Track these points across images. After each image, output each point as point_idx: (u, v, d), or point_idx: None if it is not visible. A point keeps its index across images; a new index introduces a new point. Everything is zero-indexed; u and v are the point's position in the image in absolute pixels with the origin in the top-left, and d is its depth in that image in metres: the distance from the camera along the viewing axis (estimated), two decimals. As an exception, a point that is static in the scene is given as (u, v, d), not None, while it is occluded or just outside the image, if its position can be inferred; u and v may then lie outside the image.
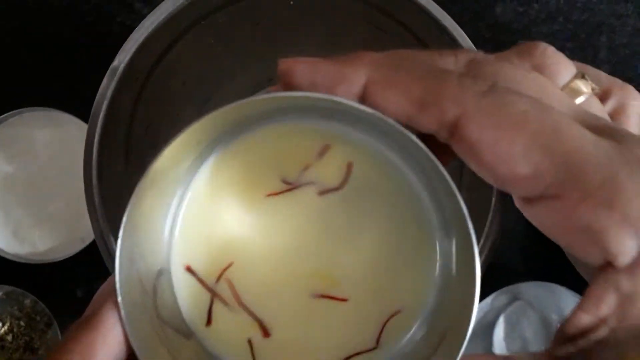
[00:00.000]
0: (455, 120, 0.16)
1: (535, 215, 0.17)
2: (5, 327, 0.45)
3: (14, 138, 0.45)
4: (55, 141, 0.45)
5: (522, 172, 0.16)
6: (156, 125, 0.33)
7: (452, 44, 0.26)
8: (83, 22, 0.47)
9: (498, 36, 0.45)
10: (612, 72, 0.34)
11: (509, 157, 0.15)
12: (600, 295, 0.16)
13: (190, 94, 0.36)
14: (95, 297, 0.19)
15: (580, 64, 0.20)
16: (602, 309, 0.16)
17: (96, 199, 0.27)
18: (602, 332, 0.16)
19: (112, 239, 0.28)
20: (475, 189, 0.24)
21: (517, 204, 0.17)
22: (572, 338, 0.16)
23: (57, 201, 0.45)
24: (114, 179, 0.29)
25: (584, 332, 0.16)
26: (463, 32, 0.30)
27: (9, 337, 0.45)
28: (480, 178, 0.17)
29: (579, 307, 0.16)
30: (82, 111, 0.42)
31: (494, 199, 0.27)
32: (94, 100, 0.28)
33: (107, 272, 0.29)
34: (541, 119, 0.15)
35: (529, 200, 0.16)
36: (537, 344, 0.44)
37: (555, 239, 0.16)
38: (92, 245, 0.44)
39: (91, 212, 0.28)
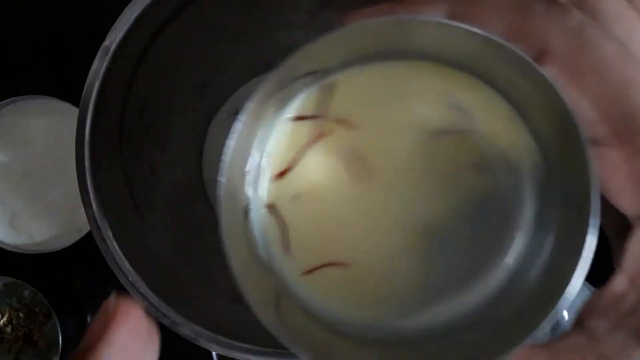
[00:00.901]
0: (539, 54, 0.16)
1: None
2: (5, 318, 0.45)
3: (9, 127, 0.44)
4: (51, 130, 0.44)
5: (588, 115, 0.16)
6: (150, 109, 0.32)
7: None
8: (77, 9, 0.46)
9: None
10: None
11: (579, 100, 0.16)
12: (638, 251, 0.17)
13: (186, 78, 0.36)
14: (89, 329, 0.18)
15: None
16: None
17: (89, 182, 0.27)
18: (633, 298, 0.16)
19: (105, 223, 0.27)
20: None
21: None
22: (605, 310, 0.17)
23: (54, 191, 0.44)
24: (108, 163, 0.29)
25: (618, 301, 0.17)
26: None
27: (8, 329, 0.45)
28: None
29: (619, 271, 0.17)
30: (78, 99, 0.42)
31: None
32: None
33: (104, 263, 0.28)
34: (620, 70, 0.16)
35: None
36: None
37: (601, 183, 0.17)
38: (89, 236, 0.44)
39: (83, 196, 0.27)
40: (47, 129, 0.44)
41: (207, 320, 0.28)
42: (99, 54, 0.27)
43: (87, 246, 0.43)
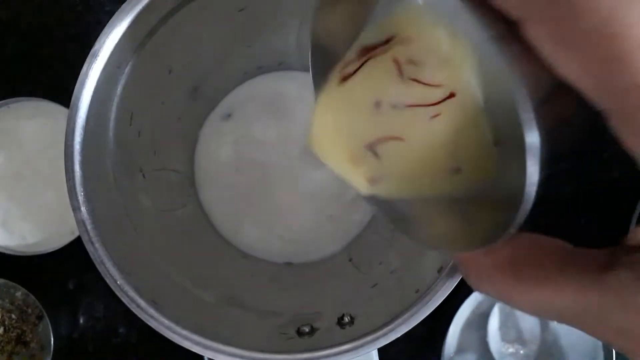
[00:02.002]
0: (518, 21, 0.15)
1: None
2: (-4, 320, 0.45)
3: (1, 129, 0.44)
4: (44, 132, 0.44)
5: (570, 85, 0.15)
6: (141, 113, 0.32)
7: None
8: (72, 12, 0.46)
9: None
10: None
11: (559, 70, 0.15)
12: None
13: (177, 82, 0.36)
14: None
15: None
16: None
17: (78, 186, 0.27)
18: None
19: (94, 227, 0.27)
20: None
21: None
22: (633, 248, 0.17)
23: (46, 193, 0.44)
24: (98, 166, 0.29)
25: None
26: None
27: (1, 330, 0.45)
28: None
29: None
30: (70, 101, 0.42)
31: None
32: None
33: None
34: (607, 43, 0.14)
35: None
36: (532, 334, 0.44)
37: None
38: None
39: (73, 199, 0.27)
40: (40, 131, 0.44)
41: (195, 323, 0.28)
42: (88, 59, 0.27)
43: (79, 248, 0.43)
